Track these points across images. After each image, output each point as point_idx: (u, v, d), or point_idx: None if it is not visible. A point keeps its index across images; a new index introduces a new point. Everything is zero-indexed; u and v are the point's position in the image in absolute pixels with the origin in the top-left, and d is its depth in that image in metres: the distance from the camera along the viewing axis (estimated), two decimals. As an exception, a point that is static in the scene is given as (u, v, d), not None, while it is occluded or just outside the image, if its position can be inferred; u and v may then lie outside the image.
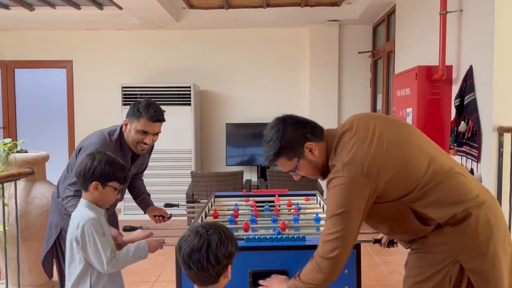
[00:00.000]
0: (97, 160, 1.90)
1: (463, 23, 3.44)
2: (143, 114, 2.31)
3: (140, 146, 2.38)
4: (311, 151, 1.66)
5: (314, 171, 1.71)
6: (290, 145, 1.66)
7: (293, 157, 1.67)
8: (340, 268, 1.57)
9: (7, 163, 3.18)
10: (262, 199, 2.94)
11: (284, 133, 1.66)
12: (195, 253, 1.39)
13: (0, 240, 3.11)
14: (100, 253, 1.84)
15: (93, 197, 1.92)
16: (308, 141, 1.65)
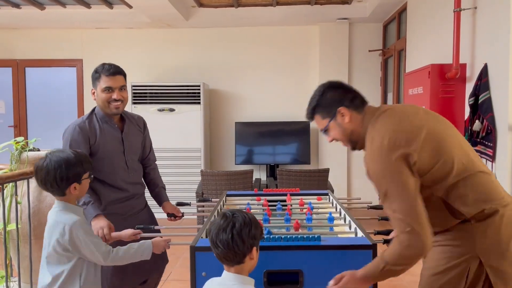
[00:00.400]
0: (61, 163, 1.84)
1: (478, 21, 3.40)
2: (101, 73, 2.37)
3: (112, 104, 2.39)
4: (343, 116, 1.75)
5: (343, 137, 1.79)
6: (325, 105, 1.79)
7: (326, 117, 1.79)
8: (426, 242, 1.50)
9: (19, 162, 3.19)
10: (274, 198, 2.92)
11: (324, 93, 1.80)
12: (222, 232, 1.54)
13: (13, 238, 3.11)
14: (93, 251, 1.85)
15: (71, 197, 1.91)
16: (343, 106, 1.74)
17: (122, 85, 2.41)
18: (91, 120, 2.43)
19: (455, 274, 1.58)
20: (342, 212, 2.47)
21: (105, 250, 1.89)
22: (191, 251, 1.79)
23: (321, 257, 1.79)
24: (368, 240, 1.84)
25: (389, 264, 1.56)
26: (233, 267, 1.57)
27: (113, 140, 2.45)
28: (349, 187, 6.52)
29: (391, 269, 1.56)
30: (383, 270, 1.57)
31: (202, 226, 2.18)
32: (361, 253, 1.79)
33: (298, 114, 6.51)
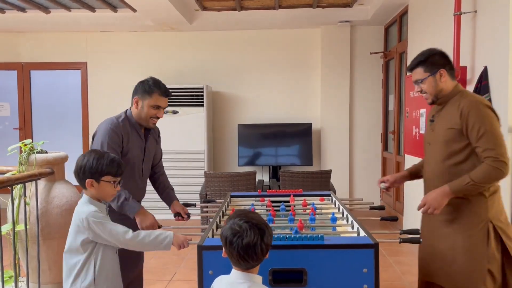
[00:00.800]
0: (86, 158, 1.99)
1: (478, 24, 3.44)
2: (155, 90, 2.46)
3: (152, 120, 2.52)
4: (441, 76, 2.27)
5: (432, 91, 2.29)
6: (432, 62, 2.28)
7: (427, 71, 2.29)
8: (507, 169, 2.10)
9: (27, 163, 3.25)
10: (277, 199, 2.97)
11: (434, 54, 2.30)
12: (251, 247, 1.57)
13: (21, 238, 3.17)
14: (112, 231, 1.94)
15: (92, 193, 2.02)
16: (444, 69, 2.27)
17: (166, 106, 2.55)
18: (125, 124, 2.50)
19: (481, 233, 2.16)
20: (345, 213, 2.52)
21: (123, 229, 1.97)
22: (198, 250, 1.84)
23: (324, 256, 1.84)
24: (370, 240, 1.89)
25: (473, 181, 2.08)
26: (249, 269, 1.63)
27: (137, 148, 2.54)
28: (351, 188, 6.57)
29: (474, 184, 2.09)
30: (467, 184, 2.10)
31: (209, 225, 2.23)
32: (364, 252, 1.83)
33: (300, 115, 6.57)
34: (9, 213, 3.18)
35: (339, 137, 6.47)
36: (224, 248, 1.64)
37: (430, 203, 2.17)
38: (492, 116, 2.15)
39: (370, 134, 6.55)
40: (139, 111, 2.51)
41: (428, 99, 2.33)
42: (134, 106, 2.53)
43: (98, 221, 1.94)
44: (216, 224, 2.31)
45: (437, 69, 2.26)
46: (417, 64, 2.31)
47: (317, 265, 1.84)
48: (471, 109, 2.14)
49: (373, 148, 6.55)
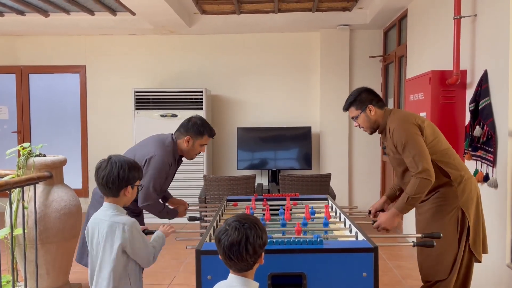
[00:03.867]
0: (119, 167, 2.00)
1: (478, 28, 3.44)
2: (205, 133, 2.88)
3: (195, 155, 2.94)
4: (370, 111, 2.63)
5: (367, 125, 2.67)
6: (360, 101, 2.64)
7: (359, 109, 2.65)
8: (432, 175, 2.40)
9: (26, 167, 3.24)
10: (274, 202, 2.97)
11: (360, 93, 2.67)
12: (235, 246, 1.57)
13: (19, 243, 3.15)
14: (148, 249, 2.05)
15: (122, 201, 2.06)
16: (371, 104, 2.63)
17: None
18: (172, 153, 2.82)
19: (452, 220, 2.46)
20: (342, 217, 2.51)
21: (151, 251, 2.08)
22: (197, 255, 1.83)
23: (323, 260, 1.83)
24: (369, 243, 1.88)
25: (410, 196, 2.38)
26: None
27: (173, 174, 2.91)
28: (351, 192, 6.55)
29: (413, 198, 2.39)
30: (408, 200, 2.40)
31: (206, 230, 2.22)
32: (363, 256, 1.82)
33: (299, 119, 6.57)
34: (7, 217, 3.16)
35: (338, 141, 6.46)
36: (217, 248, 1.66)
37: (383, 223, 2.50)
38: (410, 129, 2.46)
39: (369, 138, 6.51)
40: (189, 148, 2.87)
41: (367, 131, 2.72)
42: (185, 144, 2.85)
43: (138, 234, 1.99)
44: (214, 228, 2.30)
45: (366, 106, 2.63)
46: (349, 105, 2.69)
47: (316, 269, 1.82)
48: (395, 128, 2.51)
49: (373, 152, 6.54)
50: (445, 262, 2.46)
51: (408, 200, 2.40)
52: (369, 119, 2.63)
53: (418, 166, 2.37)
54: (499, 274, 3.08)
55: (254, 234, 1.59)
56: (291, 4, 5.65)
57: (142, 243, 2.01)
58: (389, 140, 2.57)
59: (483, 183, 3.24)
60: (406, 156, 2.44)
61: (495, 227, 3.08)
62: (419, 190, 2.38)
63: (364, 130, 2.72)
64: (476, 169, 3.34)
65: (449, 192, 2.48)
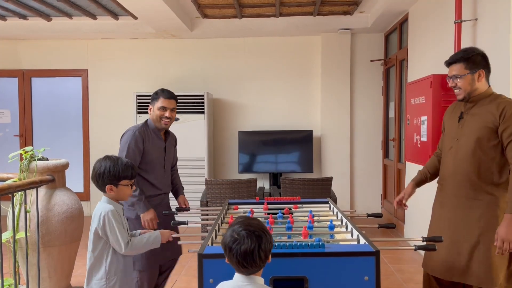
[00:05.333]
0: (103, 166, 2.20)
1: (478, 32, 3.46)
2: (159, 95, 3.00)
3: (163, 120, 2.97)
4: (479, 76, 2.38)
5: (467, 87, 2.39)
6: (473, 61, 2.38)
7: (468, 69, 2.38)
8: None
9: (28, 171, 3.25)
10: (275, 206, 2.97)
11: (477, 54, 2.40)
12: (249, 254, 1.62)
13: (21, 246, 3.16)
14: (118, 238, 2.16)
15: (111, 196, 2.24)
16: (483, 70, 2.38)
17: (173, 107, 3.00)
18: (145, 129, 2.97)
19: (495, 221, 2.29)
20: (344, 220, 2.51)
21: (126, 241, 2.18)
22: (199, 259, 1.83)
23: (325, 264, 1.83)
24: (371, 247, 1.88)
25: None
26: (251, 274, 1.67)
27: (158, 148, 3.01)
28: (352, 195, 6.55)
29: None
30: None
31: (208, 233, 2.22)
32: (365, 260, 1.82)
33: (301, 122, 6.58)
34: (9, 221, 3.17)
35: (339, 144, 6.47)
36: (225, 255, 1.67)
37: (506, 236, 2.17)
38: None
39: (371, 141, 6.54)
40: (152, 115, 3.01)
41: (460, 95, 2.43)
42: (149, 114, 3.03)
43: (111, 221, 2.15)
44: (215, 232, 2.30)
45: (477, 69, 2.37)
46: (459, 59, 2.40)
47: (318, 273, 1.82)
48: (508, 106, 2.27)
49: (374, 155, 6.54)
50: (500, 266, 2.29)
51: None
52: (473, 84, 2.37)
53: None
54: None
55: (265, 241, 1.63)
56: (292, 8, 5.68)
57: (114, 229, 2.15)
58: (488, 116, 2.31)
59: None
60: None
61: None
62: None
63: (457, 92, 2.44)
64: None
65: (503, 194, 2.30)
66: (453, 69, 2.42)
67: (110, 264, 2.21)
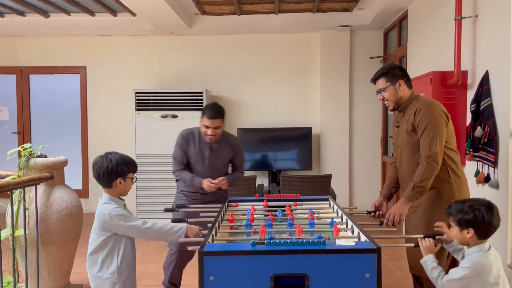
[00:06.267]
0: (110, 161, 2.26)
1: (478, 29, 3.45)
2: (205, 113, 3.17)
3: (207, 136, 3.20)
4: (400, 86, 2.69)
5: (393, 99, 2.71)
6: (392, 74, 2.69)
7: (389, 81, 2.70)
8: (439, 162, 2.52)
9: (27, 168, 3.23)
10: (275, 203, 2.97)
11: (394, 68, 2.72)
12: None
13: (20, 243, 3.15)
14: (133, 223, 2.23)
15: (116, 191, 2.30)
16: (402, 80, 2.69)
17: (216, 126, 3.17)
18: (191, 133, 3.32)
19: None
20: (344, 217, 2.51)
21: (141, 221, 2.25)
22: (200, 256, 1.83)
23: (326, 261, 1.83)
24: (372, 244, 1.88)
25: (416, 183, 2.47)
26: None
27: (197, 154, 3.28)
28: (351, 192, 6.55)
29: (418, 186, 2.48)
30: (414, 189, 2.49)
31: (208, 231, 2.21)
32: (366, 257, 1.82)
33: (300, 120, 6.56)
34: (8, 218, 3.15)
35: (338, 141, 6.47)
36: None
37: (395, 212, 2.56)
38: (438, 113, 2.53)
39: (370, 139, 6.54)
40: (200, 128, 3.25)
41: (390, 105, 2.76)
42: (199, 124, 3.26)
43: (119, 214, 2.22)
44: (216, 229, 2.29)
45: (397, 80, 2.68)
46: (380, 75, 2.73)
47: (319, 270, 1.82)
48: (423, 107, 2.58)
49: (373, 153, 6.54)
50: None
51: (414, 187, 2.48)
52: (397, 93, 2.69)
53: (431, 149, 2.47)
54: (501, 274, 3.08)
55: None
56: (292, 5, 5.66)
57: (124, 222, 2.22)
58: (410, 118, 2.62)
59: (484, 183, 3.24)
60: (423, 136, 2.52)
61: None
62: (425, 177, 2.46)
63: (386, 104, 2.77)
64: (477, 169, 3.34)
65: (445, 189, 2.58)
66: (378, 84, 2.75)
67: (122, 260, 2.26)
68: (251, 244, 1.88)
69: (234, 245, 2.02)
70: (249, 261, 1.83)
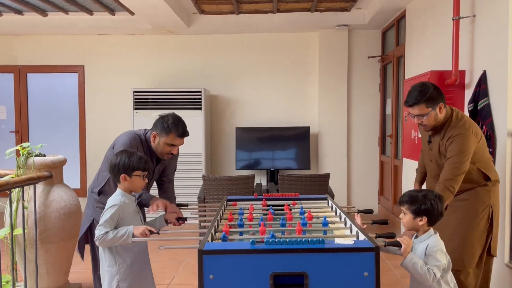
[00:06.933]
0: (119, 158, 2.35)
1: (476, 29, 3.46)
2: (172, 131, 2.64)
3: (167, 155, 2.74)
4: (440, 110, 2.56)
5: (433, 123, 2.59)
6: (432, 98, 2.53)
7: (430, 107, 2.54)
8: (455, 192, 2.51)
9: (25, 167, 3.24)
10: (273, 203, 2.97)
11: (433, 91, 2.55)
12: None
13: (19, 242, 3.15)
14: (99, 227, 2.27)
15: (125, 186, 2.38)
16: (442, 103, 2.55)
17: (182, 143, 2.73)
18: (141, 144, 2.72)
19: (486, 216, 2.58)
20: (343, 216, 2.52)
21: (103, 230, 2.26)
22: (199, 255, 1.83)
23: (325, 260, 1.83)
24: (370, 243, 1.89)
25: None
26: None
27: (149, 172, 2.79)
28: (349, 192, 6.57)
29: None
30: None
31: (207, 230, 2.22)
32: (364, 256, 1.83)
33: (298, 119, 6.58)
34: (6, 217, 3.16)
35: (336, 140, 6.48)
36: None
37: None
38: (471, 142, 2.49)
39: (368, 138, 6.56)
40: (155, 145, 2.71)
41: (427, 128, 2.63)
42: (152, 140, 2.72)
43: (106, 214, 2.26)
44: (215, 228, 2.30)
45: (437, 103, 2.53)
46: (419, 101, 2.53)
47: (318, 269, 1.83)
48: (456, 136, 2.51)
49: (371, 152, 6.56)
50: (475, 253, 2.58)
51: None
52: (437, 117, 2.56)
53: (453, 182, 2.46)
54: (499, 273, 3.10)
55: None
56: (290, 4, 5.67)
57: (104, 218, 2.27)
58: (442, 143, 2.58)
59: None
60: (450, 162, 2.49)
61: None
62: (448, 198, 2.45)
63: (424, 128, 2.64)
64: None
65: (484, 191, 2.59)
66: (415, 110, 2.57)
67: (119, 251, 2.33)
68: (251, 243, 1.88)
69: (233, 244, 2.03)
70: (249, 260, 1.83)
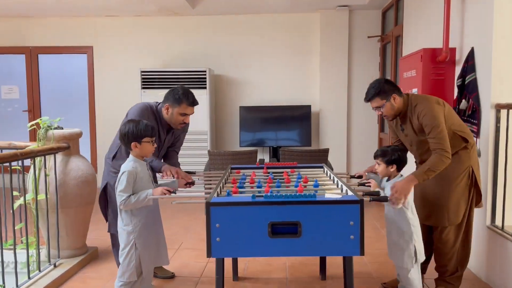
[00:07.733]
0: (127, 127, 2.54)
1: (466, 7, 3.65)
2: (183, 101, 2.90)
3: (181, 125, 3.00)
4: (394, 100, 2.82)
5: (391, 113, 2.87)
6: (384, 91, 2.81)
7: (383, 99, 2.82)
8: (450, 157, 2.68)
9: (45, 139, 3.51)
10: (274, 170, 3.25)
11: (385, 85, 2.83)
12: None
13: (42, 207, 3.44)
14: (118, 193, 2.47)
15: (136, 153, 2.57)
16: (394, 93, 2.82)
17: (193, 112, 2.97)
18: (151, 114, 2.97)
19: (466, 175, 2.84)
20: (335, 180, 2.78)
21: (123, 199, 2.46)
22: (207, 206, 2.11)
23: (316, 211, 2.10)
24: (356, 197, 2.16)
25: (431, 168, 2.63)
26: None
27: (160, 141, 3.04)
28: (348, 168, 6.81)
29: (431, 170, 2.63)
30: (427, 170, 2.63)
31: (214, 188, 2.49)
32: (351, 207, 2.10)
33: (300, 98, 6.80)
34: (29, 184, 3.44)
35: (337, 119, 6.71)
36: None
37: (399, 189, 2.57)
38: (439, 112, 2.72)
39: (367, 116, 6.77)
40: (169, 117, 2.95)
41: (389, 118, 2.94)
42: (165, 112, 2.95)
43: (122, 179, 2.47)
44: (220, 188, 2.57)
45: (390, 95, 2.81)
46: (373, 96, 2.85)
47: (310, 218, 2.10)
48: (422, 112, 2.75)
49: (370, 129, 6.78)
50: (459, 209, 2.85)
51: (428, 170, 2.62)
52: (393, 107, 2.83)
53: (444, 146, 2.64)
54: (481, 234, 3.36)
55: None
56: (292, -14, 5.82)
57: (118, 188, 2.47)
58: (414, 121, 2.81)
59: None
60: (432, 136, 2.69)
61: (477, 192, 3.35)
62: (439, 166, 2.63)
63: (386, 118, 2.94)
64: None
65: (465, 153, 2.83)
66: (373, 103, 2.87)
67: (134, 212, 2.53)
68: (252, 197, 2.16)
69: (236, 197, 2.30)
70: (250, 211, 2.11)
